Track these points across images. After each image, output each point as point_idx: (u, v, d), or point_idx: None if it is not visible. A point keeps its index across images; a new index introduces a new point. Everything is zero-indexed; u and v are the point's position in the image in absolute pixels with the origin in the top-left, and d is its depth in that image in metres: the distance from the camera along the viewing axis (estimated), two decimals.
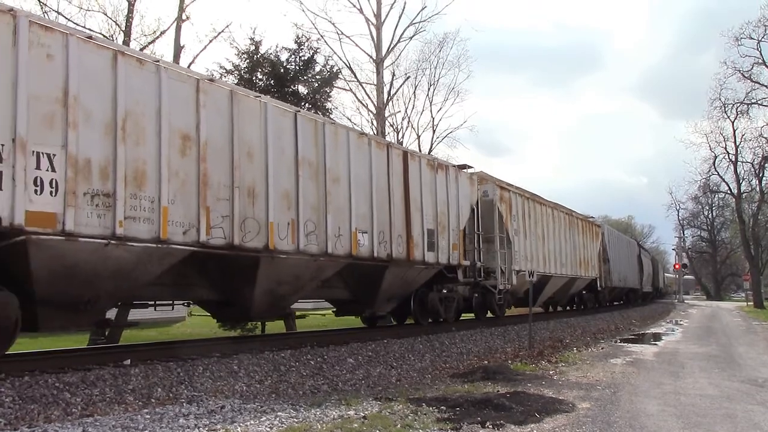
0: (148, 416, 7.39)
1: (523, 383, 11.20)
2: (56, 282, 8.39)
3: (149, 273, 9.57)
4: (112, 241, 8.64)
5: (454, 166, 18.32)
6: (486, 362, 14.01)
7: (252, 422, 7.44)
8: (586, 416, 8.54)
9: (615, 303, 41.61)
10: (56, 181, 8.06)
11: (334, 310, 16.43)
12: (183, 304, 12.76)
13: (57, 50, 8.25)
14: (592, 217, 35.79)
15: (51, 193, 7.99)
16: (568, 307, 32.56)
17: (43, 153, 7.96)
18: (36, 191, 7.85)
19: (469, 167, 19.41)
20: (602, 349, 17.86)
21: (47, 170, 7.97)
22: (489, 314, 21.54)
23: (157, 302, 11.39)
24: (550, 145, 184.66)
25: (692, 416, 8.67)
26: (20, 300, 8.12)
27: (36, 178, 7.87)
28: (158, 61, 9.83)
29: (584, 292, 32.46)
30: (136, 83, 9.18)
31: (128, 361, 9.19)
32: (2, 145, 7.59)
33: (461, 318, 20.15)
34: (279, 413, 8.01)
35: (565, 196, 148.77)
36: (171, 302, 11.57)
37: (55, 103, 8.16)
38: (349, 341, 13.39)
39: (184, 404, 8.17)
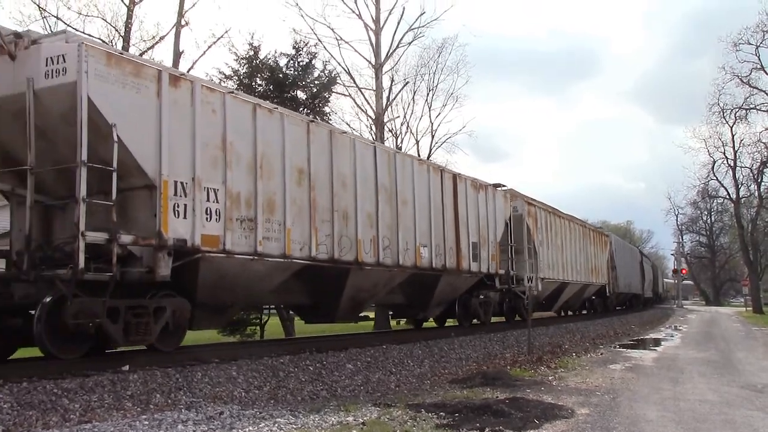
0: (146, 422, 7.38)
1: (522, 389, 11.19)
2: (212, 290, 10.68)
3: (272, 283, 11.88)
4: (255, 257, 10.95)
5: (492, 185, 20.39)
6: (485, 368, 14.01)
7: (250, 428, 7.43)
8: (586, 422, 8.53)
9: (618, 308, 42.41)
10: (219, 210, 10.36)
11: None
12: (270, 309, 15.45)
13: (217, 106, 10.55)
14: (600, 228, 40.41)
15: (216, 219, 10.30)
16: (578, 312, 34.69)
17: (210, 188, 10.25)
18: (207, 218, 10.14)
19: (503, 185, 21.46)
20: (601, 354, 17.86)
21: (213, 202, 10.29)
22: (517, 317, 23.46)
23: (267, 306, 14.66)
24: (548, 150, 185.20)
25: (691, 422, 8.66)
26: None
27: (207, 208, 10.16)
28: (277, 108, 12.16)
29: (594, 297, 34.43)
30: (268, 129, 11.49)
31: (127, 367, 9.17)
32: (186, 183, 9.82)
33: (492, 320, 21.78)
34: (278, 419, 8.00)
35: (564, 200, 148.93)
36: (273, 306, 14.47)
37: (217, 149, 10.47)
38: (348, 347, 13.37)
39: (183, 410, 8.16)
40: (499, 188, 21.01)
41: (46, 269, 8.89)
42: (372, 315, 24.11)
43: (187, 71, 20.49)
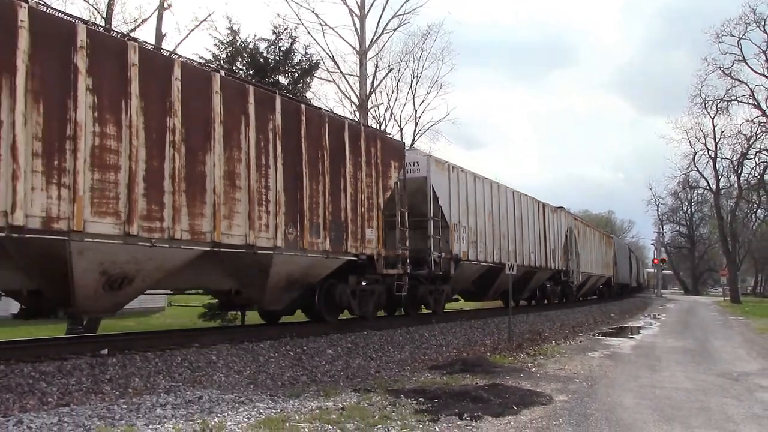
0: (125, 406, 7.35)
1: (501, 375, 11.27)
2: (457, 282, 20.10)
3: (473, 275, 21.42)
4: (475, 262, 20.20)
5: (560, 208, 30.26)
6: (465, 354, 14.09)
7: (230, 413, 7.43)
8: (563, 408, 8.61)
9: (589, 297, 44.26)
10: (465, 238, 19.30)
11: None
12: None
13: (464, 178, 19.89)
14: (609, 234, 49.30)
15: (465, 243, 19.28)
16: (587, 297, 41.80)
17: (464, 226, 19.27)
18: (463, 242, 19.11)
19: (563, 207, 30.72)
20: (580, 342, 18.01)
21: (464, 233, 19.22)
22: (564, 300, 32.15)
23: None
24: (528, 139, 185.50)
25: (667, 409, 8.76)
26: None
27: (462, 237, 19.10)
28: (487, 178, 22.15)
29: (601, 286, 43.16)
30: (479, 189, 20.93)
31: (105, 351, 9.13)
32: (456, 224, 18.73)
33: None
34: (257, 404, 8.00)
35: (545, 190, 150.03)
36: None
37: (465, 203, 19.60)
38: (329, 332, 13.38)
39: (162, 394, 8.14)
40: (562, 210, 30.36)
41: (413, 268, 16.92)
42: None
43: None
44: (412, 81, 40.84)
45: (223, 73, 11.39)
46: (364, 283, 15.16)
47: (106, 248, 9.01)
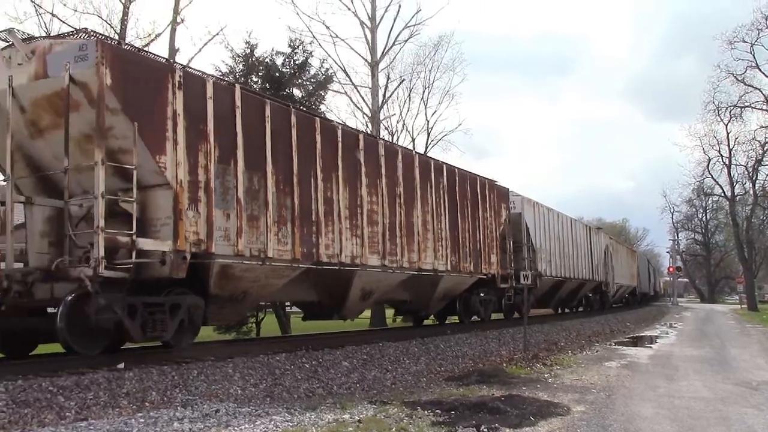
0: (142, 420, 7.37)
1: (518, 386, 11.21)
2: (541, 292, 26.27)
3: (556, 290, 27.84)
4: (552, 277, 25.40)
5: (599, 228, 38.48)
6: (481, 365, 14.03)
7: (246, 426, 7.43)
8: (581, 419, 8.55)
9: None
10: (549, 259, 25.01)
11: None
12: None
13: (546, 212, 25.62)
14: (633, 249, 56.25)
15: (549, 261, 24.93)
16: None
17: (545, 249, 24.51)
18: (546, 261, 24.43)
19: (601, 228, 38.55)
20: (597, 352, 17.89)
21: (547, 255, 24.72)
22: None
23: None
24: (539, 148, 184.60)
25: (686, 419, 8.69)
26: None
27: (546, 258, 24.58)
28: (562, 213, 28.61)
29: (627, 295, 47.64)
30: (552, 219, 25.81)
31: (122, 365, 9.16)
32: (543, 246, 24.29)
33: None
34: (274, 417, 8.00)
35: (558, 198, 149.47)
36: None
37: (544, 231, 24.60)
38: (344, 344, 13.39)
39: (179, 408, 8.14)
40: (601, 231, 37.19)
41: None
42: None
43: (183, 68, 20.53)
44: (423, 91, 40.93)
45: (418, 155, 16.90)
46: (482, 294, 20.06)
47: (369, 274, 13.68)
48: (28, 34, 9.91)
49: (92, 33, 9.46)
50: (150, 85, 9.07)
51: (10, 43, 9.23)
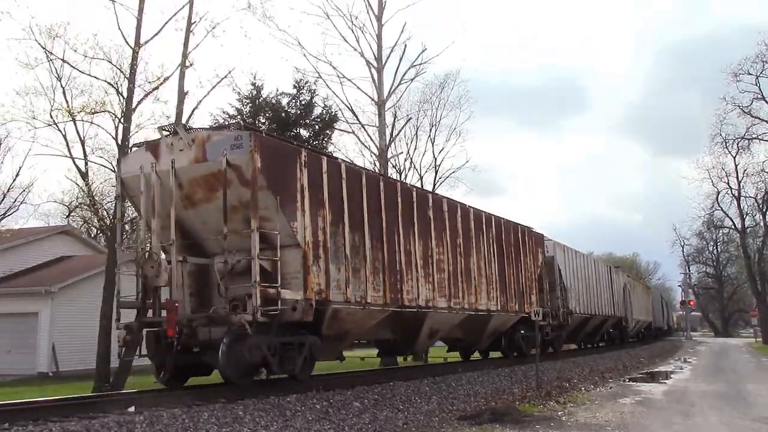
0: None
1: (531, 425, 11.12)
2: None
3: (583, 326, 30.14)
4: (586, 316, 28.92)
5: (618, 267, 40.84)
6: (493, 404, 13.93)
7: None
8: None
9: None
10: (578, 297, 27.47)
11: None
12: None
13: (577, 257, 28.84)
14: (648, 285, 59.60)
15: (577, 300, 27.11)
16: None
17: (573, 289, 26.88)
18: (575, 299, 26.91)
19: (618, 267, 40.94)
20: (611, 388, 17.74)
21: (576, 294, 27.06)
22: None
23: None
24: (545, 184, 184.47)
25: None
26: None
27: (575, 297, 26.94)
28: (586, 254, 32.84)
29: (642, 330, 48.96)
30: (580, 264, 28.89)
31: (132, 408, 9.11)
32: (572, 286, 26.83)
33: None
34: None
35: (567, 233, 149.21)
36: None
37: (573, 271, 27.32)
38: (355, 384, 13.29)
39: None
40: (620, 269, 40.08)
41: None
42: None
43: (192, 111, 20.97)
44: (430, 129, 41.35)
45: (472, 209, 18.29)
46: (522, 331, 21.80)
47: (438, 315, 15.68)
48: (190, 127, 12.38)
49: (244, 126, 11.92)
50: (286, 165, 11.30)
51: (174, 132, 11.47)
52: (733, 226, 61.34)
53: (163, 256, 11.03)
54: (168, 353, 11.07)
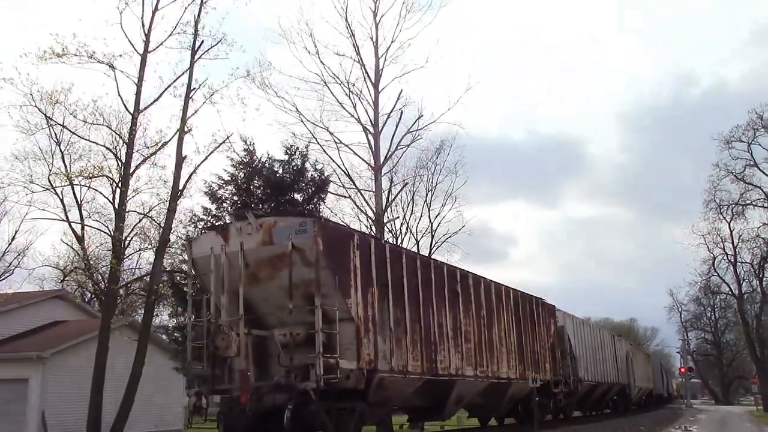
0: None
1: None
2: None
3: (591, 393, 31.26)
4: (593, 383, 29.97)
5: (620, 336, 42.75)
6: None
7: None
8: None
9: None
10: (582, 365, 27.83)
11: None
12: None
13: (580, 326, 29.98)
14: (648, 353, 62.12)
15: (582, 369, 27.88)
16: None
17: (582, 357, 28.08)
18: (584, 366, 28.32)
19: (620, 336, 43.17)
20: None
21: (584, 363, 28.49)
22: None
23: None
24: (538, 250, 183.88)
25: None
26: None
27: (581, 365, 27.89)
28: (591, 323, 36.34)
29: (644, 397, 49.32)
30: (587, 333, 30.16)
31: None
32: (581, 354, 28.36)
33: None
34: None
35: (563, 300, 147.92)
36: None
37: (580, 340, 28.40)
38: None
39: None
40: (622, 338, 41.67)
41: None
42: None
43: (189, 176, 21.13)
44: (426, 194, 41.19)
45: (493, 283, 19.70)
46: (537, 398, 22.12)
47: (465, 382, 16.85)
48: (257, 214, 14.00)
49: (307, 214, 14.10)
50: (342, 248, 12.72)
51: (243, 218, 13.09)
52: (730, 292, 60.90)
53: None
54: (240, 419, 12.16)
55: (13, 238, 39.30)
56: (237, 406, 11.97)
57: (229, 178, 22.71)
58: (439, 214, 42.10)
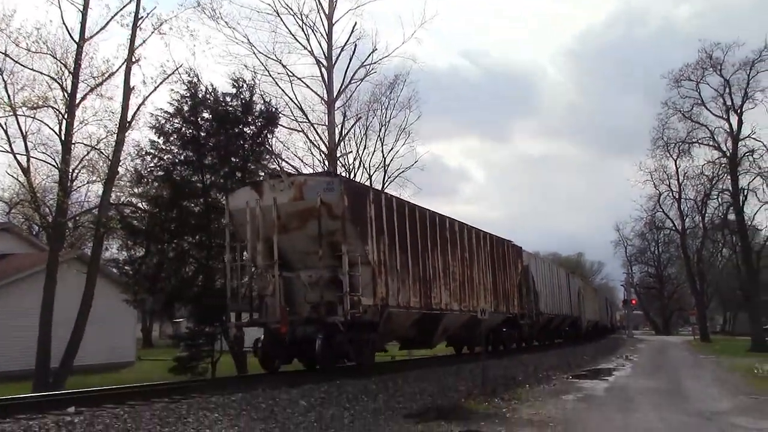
0: None
1: (476, 422, 11.26)
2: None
3: (549, 324, 34.43)
4: (552, 315, 33.54)
5: (573, 272, 45.60)
6: (440, 401, 13.99)
7: None
8: None
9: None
10: (542, 299, 31.35)
11: None
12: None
13: (544, 265, 34.72)
14: (595, 288, 67.21)
15: (542, 303, 31.25)
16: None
17: (542, 292, 31.39)
18: (537, 300, 30.37)
19: (574, 272, 46.62)
20: (554, 385, 18.05)
21: (544, 296, 31.75)
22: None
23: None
24: (489, 186, 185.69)
25: None
26: None
27: (541, 299, 31.17)
28: (551, 263, 39.97)
29: (590, 328, 50.46)
30: (547, 271, 33.96)
31: (72, 409, 8.92)
32: (541, 291, 31.54)
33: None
34: None
35: (515, 235, 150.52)
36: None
37: (541, 277, 32.08)
38: (301, 383, 13.22)
39: None
40: (575, 275, 45.48)
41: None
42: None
43: (138, 108, 20.65)
44: (380, 129, 41.28)
45: (474, 229, 22.14)
46: (504, 329, 25.69)
47: (451, 316, 19.26)
48: (290, 173, 16.32)
49: (334, 174, 16.17)
50: (361, 202, 14.82)
51: (277, 176, 15.39)
52: (673, 228, 63.30)
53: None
54: (277, 347, 14.73)
55: None
56: (275, 336, 14.30)
57: (175, 111, 22.13)
58: (392, 149, 42.19)
